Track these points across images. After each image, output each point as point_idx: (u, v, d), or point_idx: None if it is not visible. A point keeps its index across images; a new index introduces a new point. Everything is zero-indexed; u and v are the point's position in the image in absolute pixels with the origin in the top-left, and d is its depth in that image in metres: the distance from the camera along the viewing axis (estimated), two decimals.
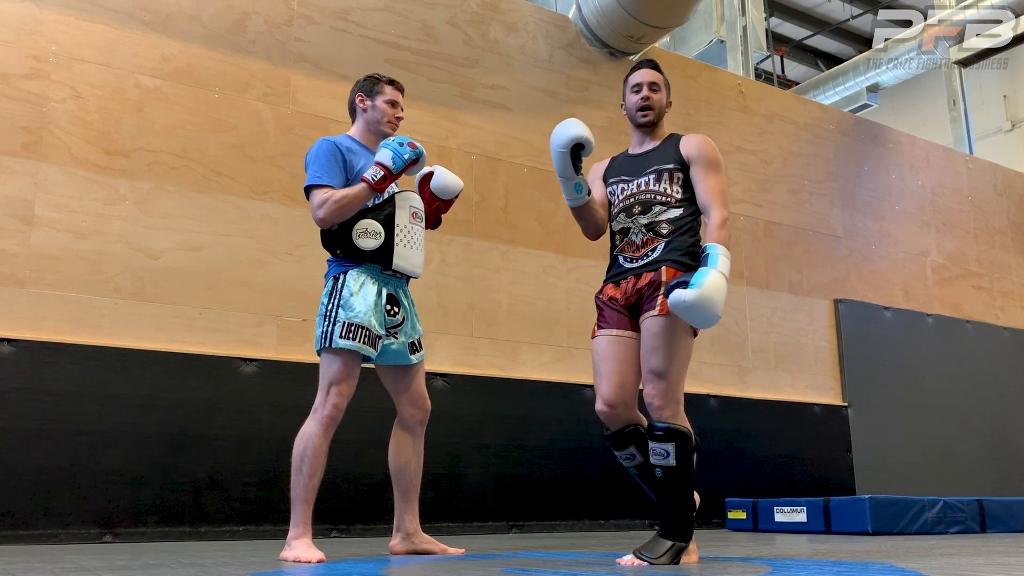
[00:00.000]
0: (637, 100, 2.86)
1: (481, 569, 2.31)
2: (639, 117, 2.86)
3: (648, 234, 2.70)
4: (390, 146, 2.89)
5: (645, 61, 2.94)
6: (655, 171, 2.77)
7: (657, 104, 2.85)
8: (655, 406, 2.54)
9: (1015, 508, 5.11)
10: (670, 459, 2.49)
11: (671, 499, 2.52)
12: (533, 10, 5.84)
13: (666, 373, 2.54)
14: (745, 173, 6.55)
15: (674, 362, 2.55)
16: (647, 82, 2.86)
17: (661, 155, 2.80)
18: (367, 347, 2.83)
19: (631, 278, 2.70)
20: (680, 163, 2.75)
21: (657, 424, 2.52)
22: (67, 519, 3.77)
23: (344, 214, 2.85)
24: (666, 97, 2.90)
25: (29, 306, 3.94)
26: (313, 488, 2.80)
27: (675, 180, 2.74)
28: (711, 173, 2.72)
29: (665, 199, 2.72)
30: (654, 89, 2.86)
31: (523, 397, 5.08)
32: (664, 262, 2.64)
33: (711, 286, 2.38)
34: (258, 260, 4.51)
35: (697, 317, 2.41)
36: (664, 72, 2.95)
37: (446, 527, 4.60)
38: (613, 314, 2.72)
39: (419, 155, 2.91)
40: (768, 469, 5.94)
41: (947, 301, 7.51)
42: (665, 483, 2.52)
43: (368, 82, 3.11)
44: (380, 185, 2.86)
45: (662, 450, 2.49)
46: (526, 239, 5.42)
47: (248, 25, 4.74)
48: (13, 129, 4.06)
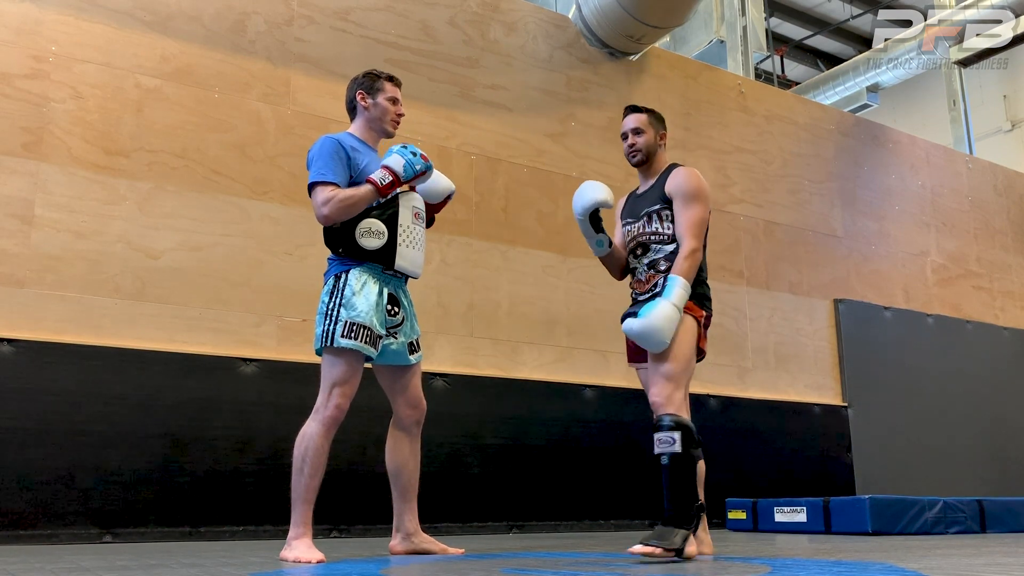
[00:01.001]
0: (625, 147, 3.19)
1: (481, 569, 2.31)
2: (630, 159, 3.20)
3: (649, 271, 3.04)
4: (403, 154, 2.90)
5: (628, 108, 3.23)
6: (647, 214, 3.09)
7: (643, 146, 3.14)
8: (658, 403, 2.78)
9: (1015, 508, 5.11)
10: (676, 446, 2.68)
11: (677, 485, 2.68)
12: (533, 10, 5.84)
13: (670, 375, 2.79)
14: (745, 173, 6.55)
15: (677, 367, 2.80)
16: (629, 129, 3.17)
17: (651, 197, 3.11)
18: (368, 347, 2.83)
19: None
20: (665, 201, 3.05)
21: (664, 416, 2.74)
22: (67, 519, 3.77)
23: (347, 214, 2.84)
24: (655, 133, 3.16)
25: (29, 306, 3.94)
26: (314, 488, 2.79)
27: (664, 218, 3.04)
28: (688, 207, 3.00)
29: (659, 238, 3.04)
30: (637, 133, 3.15)
31: (523, 397, 5.08)
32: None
33: (657, 315, 2.75)
34: (258, 260, 4.51)
35: (644, 342, 2.79)
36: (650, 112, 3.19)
37: (446, 527, 4.60)
38: (635, 345, 3.07)
39: (429, 168, 2.97)
40: (768, 469, 5.94)
41: (947, 301, 7.51)
42: (671, 470, 2.68)
43: (368, 79, 3.10)
44: (387, 189, 2.87)
45: (668, 438, 2.69)
46: (526, 239, 5.42)
47: (248, 25, 4.74)
48: (13, 129, 4.06)
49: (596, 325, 5.54)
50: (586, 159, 5.77)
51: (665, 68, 6.34)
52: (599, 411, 5.32)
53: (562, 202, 5.58)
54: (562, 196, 5.59)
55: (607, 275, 3.34)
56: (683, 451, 2.67)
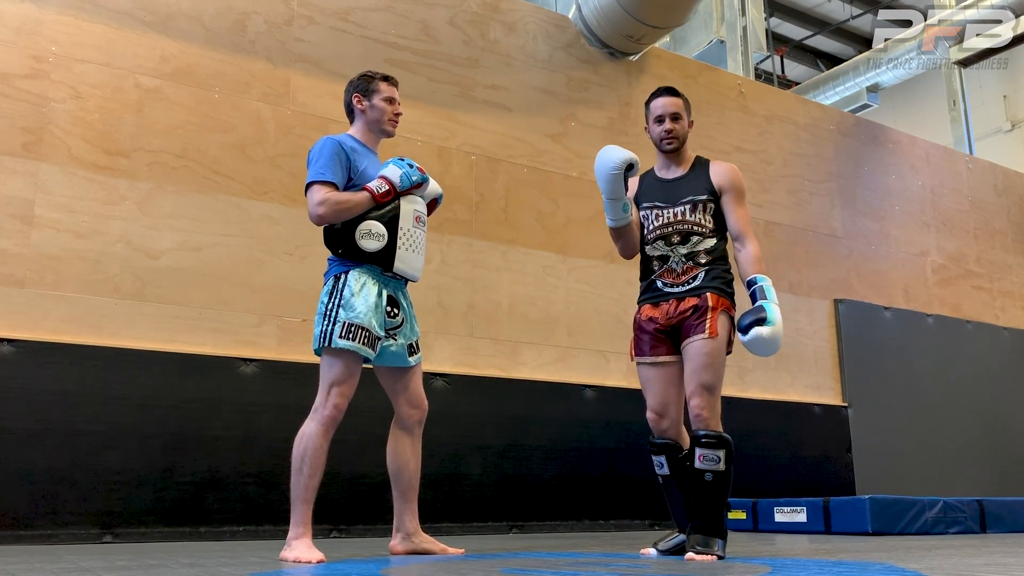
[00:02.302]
0: (660, 131, 3.03)
1: (481, 569, 2.31)
2: (664, 146, 3.04)
3: (688, 263, 2.93)
4: (400, 165, 2.95)
5: (664, 89, 3.08)
6: (690, 202, 2.96)
7: (680, 132, 3.02)
8: (703, 417, 2.79)
9: (1015, 508, 5.11)
10: (720, 464, 2.75)
11: (717, 499, 2.76)
12: (533, 10, 5.84)
13: (714, 388, 2.81)
14: (745, 173, 6.52)
15: (720, 378, 2.83)
16: (669, 113, 3.01)
17: (694, 185, 2.99)
18: (366, 348, 2.83)
19: (673, 301, 2.94)
20: (712, 193, 2.97)
21: (708, 432, 2.77)
22: (67, 519, 3.77)
23: (340, 217, 2.86)
24: (687, 119, 3.05)
25: (29, 306, 3.94)
26: (313, 488, 2.80)
27: (707, 211, 2.96)
28: (741, 203, 2.97)
29: (701, 229, 2.95)
30: (676, 119, 3.01)
31: (523, 397, 5.07)
32: (707, 289, 2.89)
33: (780, 320, 2.70)
34: (258, 260, 4.51)
35: (767, 348, 2.70)
36: (684, 97, 3.08)
37: (446, 527, 4.60)
38: (651, 339, 2.97)
39: (425, 180, 3.01)
40: (768, 469, 5.94)
41: (947, 301, 7.51)
42: (714, 486, 2.75)
43: (363, 81, 3.10)
44: (382, 199, 2.90)
45: (714, 456, 2.75)
46: (526, 239, 5.42)
47: (248, 25, 4.74)
48: (13, 129, 4.06)
49: (596, 325, 5.53)
50: (586, 159, 5.77)
51: (665, 68, 6.34)
52: (599, 411, 5.32)
53: (562, 202, 5.58)
54: (562, 196, 5.59)
55: (607, 275, 3.34)
56: (725, 468, 2.75)
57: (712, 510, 2.76)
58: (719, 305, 2.87)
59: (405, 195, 2.98)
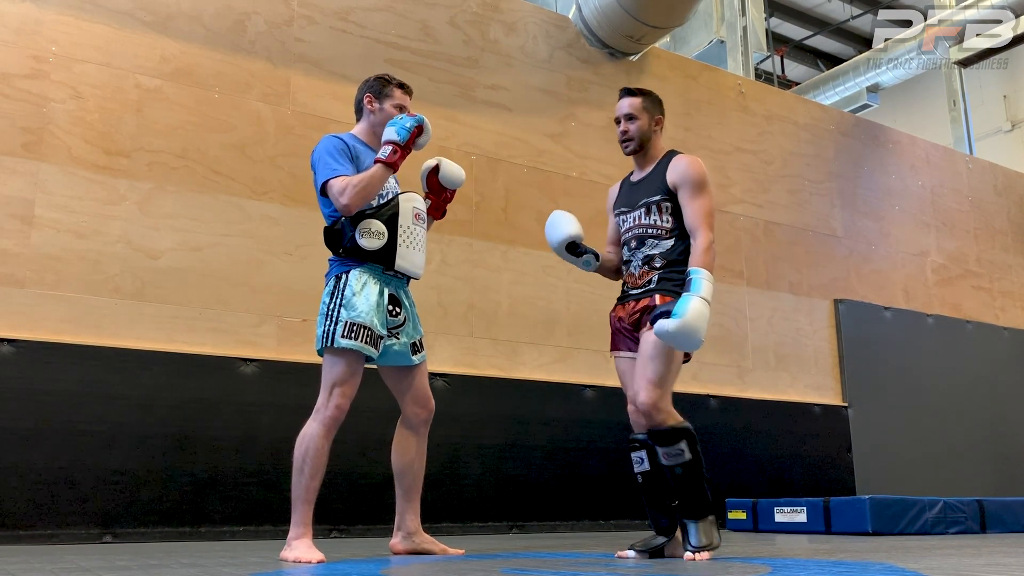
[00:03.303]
0: (618, 134, 3.04)
1: (481, 569, 2.31)
2: (623, 149, 3.06)
3: (644, 267, 2.95)
4: (392, 123, 2.91)
5: (623, 90, 3.06)
6: (645, 205, 2.96)
7: (636, 133, 2.99)
8: (651, 413, 2.76)
9: (1015, 508, 5.11)
10: (685, 454, 2.72)
11: (696, 485, 2.74)
12: (533, 10, 5.84)
13: (660, 381, 2.76)
14: (745, 173, 6.55)
15: (667, 370, 2.77)
16: (623, 115, 3.01)
17: (649, 186, 2.98)
18: (369, 347, 2.83)
19: (631, 302, 2.99)
20: (666, 192, 2.92)
21: (662, 429, 2.74)
22: (67, 519, 3.77)
23: (367, 196, 2.83)
24: (650, 118, 3.01)
25: (29, 306, 3.94)
26: (314, 489, 2.80)
27: (664, 211, 2.93)
28: (696, 196, 2.89)
29: (656, 231, 2.93)
30: (631, 119, 3.00)
31: (523, 397, 5.08)
32: (657, 291, 2.89)
33: (692, 314, 2.59)
34: (258, 260, 4.51)
35: (681, 343, 2.62)
36: (645, 95, 3.03)
37: (446, 527, 4.60)
38: (623, 337, 3.03)
39: (420, 121, 2.94)
40: (768, 469, 5.94)
41: (947, 301, 7.51)
42: (687, 476, 2.72)
43: (378, 83, 3.10)
44: (392, 159, 2.85)
45: (676, 450, 2.72)
46: (526, 239, 5.42)
47: (248, 25, 4.73)
48: (13, 129, 4.06)
49: (596, 325, 5.53)
50: (586, 159, 5.78)
51: (665, 68, 6.34)
52: (599, 411, 5.31)
53: (562, 202, 5.57)
54: (562, 196, 5.59)
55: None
56: (692, 456, 2.72)
57: (695, 495, 2.74)
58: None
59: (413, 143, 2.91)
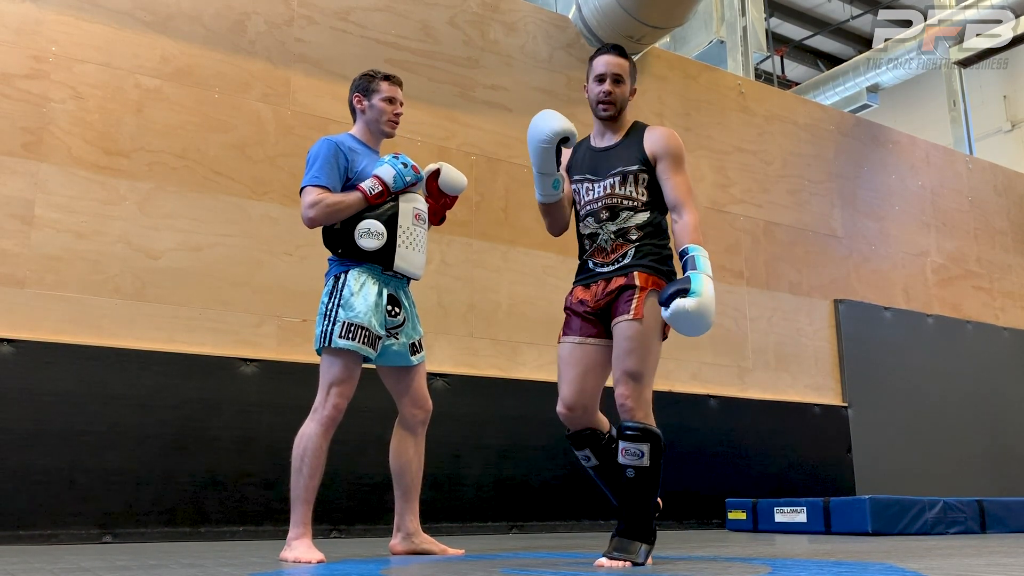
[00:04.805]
0: (599, 92, 2.71)
1: (481, 569, 2.31)
2: (600, 110, 2.74)
3: (617, 240, 2.66)
4: (394, 165, 2.93)
5: (610, 46, 2.75)
6: (620, 173, 2.67)
7: (619, 98, 2.71)
8: (628, 407, 2.53)
9: (1015, 508, 5.11)
10: (644, 459, 2.46)
11: (641, 500, 2.47)
12: (533, 10, 5.84)
13: (640, 375, 2.54)
14: (745, 173, 6.55)
15: (647, 365, 2.55)
16: (611, 73, 2.70)
17: (625, 154, 2.69)
18: (367, 347, 2.83)
19: (601, 282, 2.68)
20: (644, 163, 2.66)
21: (631, 424, 2.50)
22: (67, 519, 3.77)
23: (333, 219, 2.87)
24: (630, 86, 2.75)
25: (29, 306, 3.94)
26: (313, 488, 2.80)
27: (640, 182, 2.66)
28: (679, 170, 2.64)
29: (632, 203, 2.66)
30: (617, 81, 2.70)
31: (523, 397, 5.07)
32: (635, 267, 2.62)
33: (709, 292, 2.37)
34: (258, 260, 4.51)
35: (695, 325, 2.38)
36: (630, 59, 2.77)
37: (446, 527, 4.60)
38: (578, 320, 2.73)
39: (419, 179, 3.01)
40: (768, 469, 5.94)
41: (947, 301, 7.50)
42: (636, 484, 2.46)
43: (364, 80, 3.10)
44: (375, 199, 2.90)
45: (636, 450, 2.46)
46: (526, 239, 5.42)
47: (248, 25, 4.74)
48: (13, 129, 4.06)
49: None
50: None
51: (665, 68, 6.34)
52: None
53: None
54: None
55: None
56: (651, 465, 2.45)
57: (637, 511, 2.46)
58: (648, 284, 2.57)
59: (403, 194, 2.98)
